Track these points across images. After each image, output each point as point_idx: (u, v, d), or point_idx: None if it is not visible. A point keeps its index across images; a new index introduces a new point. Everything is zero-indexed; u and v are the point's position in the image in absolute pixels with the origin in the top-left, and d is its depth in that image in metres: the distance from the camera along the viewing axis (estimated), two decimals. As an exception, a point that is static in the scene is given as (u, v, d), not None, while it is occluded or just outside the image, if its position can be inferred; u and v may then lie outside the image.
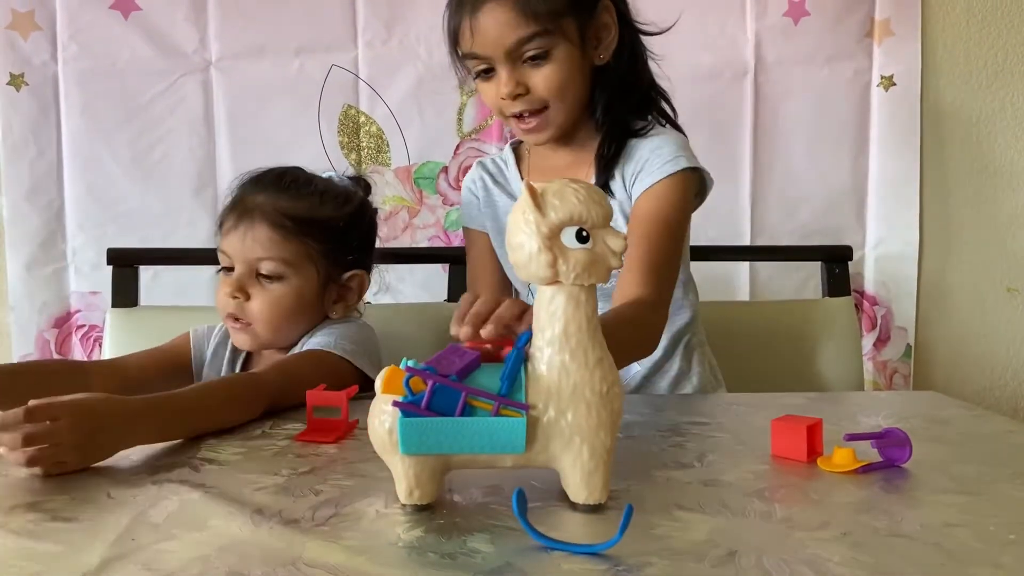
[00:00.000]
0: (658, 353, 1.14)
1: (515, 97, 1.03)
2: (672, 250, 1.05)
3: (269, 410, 0.91)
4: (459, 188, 1.84)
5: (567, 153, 1.13)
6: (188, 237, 1.79)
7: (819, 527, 0.60)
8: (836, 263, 1.47)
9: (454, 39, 1.07)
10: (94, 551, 0.56)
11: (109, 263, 1.37)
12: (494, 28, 1.01)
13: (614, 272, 1.05)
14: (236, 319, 1.05)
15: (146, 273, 1.40)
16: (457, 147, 1.85)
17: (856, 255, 1.84)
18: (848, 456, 0.72)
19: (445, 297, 1.41)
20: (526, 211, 0.60)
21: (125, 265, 1.37)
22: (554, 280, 0.61)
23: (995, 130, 1.93)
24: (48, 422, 0.69)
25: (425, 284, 1.71)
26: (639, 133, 1.10)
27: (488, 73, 1.05)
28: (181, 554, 0.55)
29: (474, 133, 1.85)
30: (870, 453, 0.74)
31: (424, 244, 1.86)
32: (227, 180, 1.79)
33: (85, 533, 0.59)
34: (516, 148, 1.22)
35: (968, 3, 1.89)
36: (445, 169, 1.86)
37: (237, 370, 1.12)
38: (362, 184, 1.16)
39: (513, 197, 1.17)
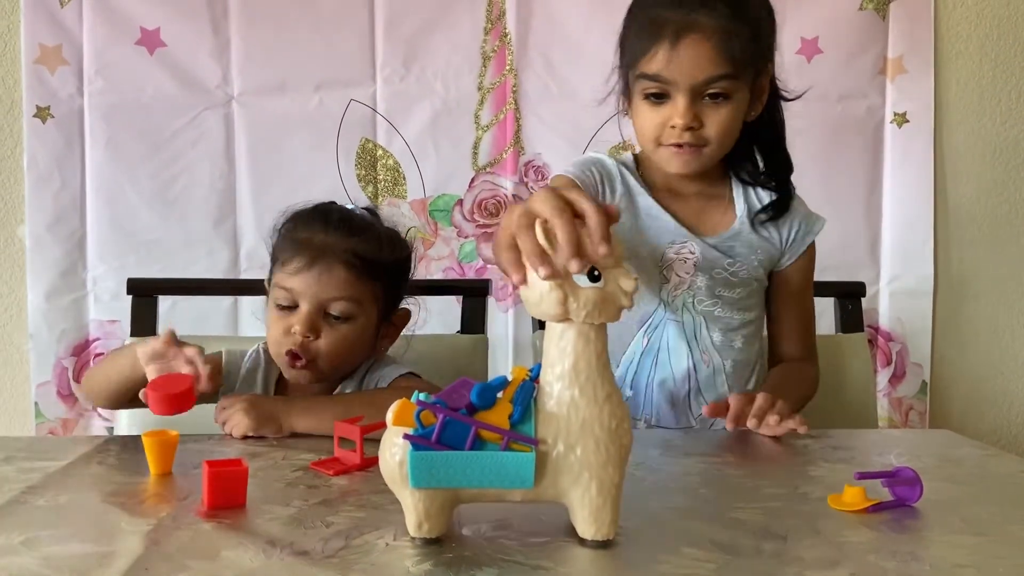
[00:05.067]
0: (752, 382, 1.19)
1: (687, 128, 1.06)
2: (813, 307, 1.25)
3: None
4: (473, 221, 1.89)
5: (703, 199, 1.17)
6: (207, 268, 1.82)
7: (829, 566, 0.60)
8: (850, 299, 1.47)
9: (635, 56, 1.08)
10: (108, 580, 0.57)
11: (129, 293, 1.39)
12: (691, 60, 1.03)
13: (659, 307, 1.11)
14: (297, 357, 1.03)
15: (164, 303, 1.41)
16: (472, 180, 1.87)
17: (870, 291, 1.85)
18: (859, 495, 0.72)
19: (458, 329, 1.42)
20: (537, 249, 0.61)
21: (144, 295, 1.39)
22: (565, 318, 0.62)
23: (1009, 166, 1.93)
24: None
25: (439, 316, 1.71)
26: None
27: (659, 98, 1.07)
28: (193, 584, 0.56)
29: (489, 166, 1.88)
30: (881, 492, 0.74)
31: (438, 276, 1.87)
32: (247, 212, 1.83)
33: (99, 562, 0.60)
34: (638, 161, 1.20)
35: (982, 41, 1.90)
36: (460, 202, 1.88)
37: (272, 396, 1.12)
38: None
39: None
